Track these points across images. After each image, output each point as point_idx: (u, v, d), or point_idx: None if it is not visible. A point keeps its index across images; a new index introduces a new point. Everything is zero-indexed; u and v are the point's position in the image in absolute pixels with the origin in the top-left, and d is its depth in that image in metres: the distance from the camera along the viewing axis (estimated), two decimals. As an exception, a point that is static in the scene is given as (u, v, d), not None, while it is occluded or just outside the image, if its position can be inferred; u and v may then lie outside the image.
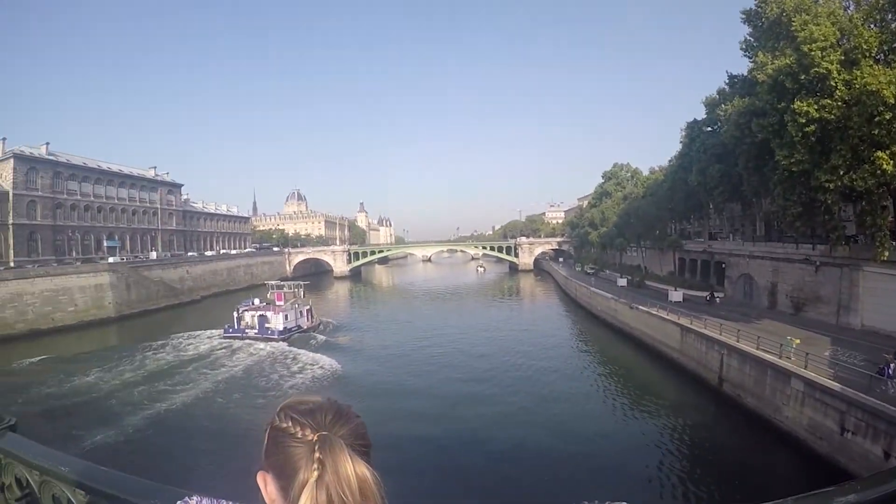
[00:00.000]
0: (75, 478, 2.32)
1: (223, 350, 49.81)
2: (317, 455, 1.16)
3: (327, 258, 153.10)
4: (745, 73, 46.99)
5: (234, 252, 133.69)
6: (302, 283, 68.61)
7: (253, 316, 55.71)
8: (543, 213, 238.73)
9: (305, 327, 58.09)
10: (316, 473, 1.14)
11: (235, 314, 56.67)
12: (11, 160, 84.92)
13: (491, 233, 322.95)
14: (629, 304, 51.39)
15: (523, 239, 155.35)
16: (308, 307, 61.53)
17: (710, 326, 36.35)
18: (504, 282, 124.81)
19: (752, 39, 44.38)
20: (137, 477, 2.29)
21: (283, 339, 52.17)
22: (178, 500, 1.56)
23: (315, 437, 1.20)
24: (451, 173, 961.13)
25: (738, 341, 32.08)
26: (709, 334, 35.63)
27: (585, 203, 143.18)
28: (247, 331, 54.21)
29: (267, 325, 54.20)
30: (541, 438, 27.46)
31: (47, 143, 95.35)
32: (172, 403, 34.71)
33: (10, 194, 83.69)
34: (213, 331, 57.05)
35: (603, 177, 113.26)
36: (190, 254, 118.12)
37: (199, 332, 57.59)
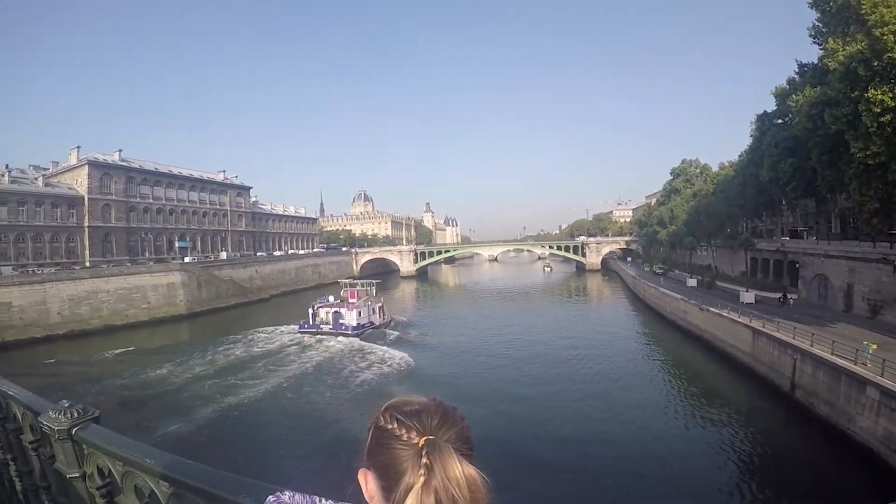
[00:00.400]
0: (160, 470, 2.33)
1: (299, 345, 51.68)
2: (424, 461, 1.14)
3: (394, 258, 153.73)
4: (816, 61, 44.82)
5: (302, 252, 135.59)
6: (374, 281, 70.19)
7: (328, 312, 57.38)
8: (611, 212, 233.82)
9: (377, 324, 59.41)
10: (423, 479, 1.12)
11: (311, 310, 58.49)
12: (86, 167, 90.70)
13: (558, 232, 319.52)
14: (699, 305, 49.25)
15: (590, 238, 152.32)
16: (380, 304, 63.07)
17: (783, 330, 34.44)
18: (571, 282, 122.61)
19: (821, 25, 41.98)
20: (223, 471, 2.22)
21: (357, 335, 53.43)
22: (269, 496, 1.63)
23: (422, 442, 1.18)
24: (518, 172, 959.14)
25: (811, 346, 30.17)
26: (781, 338, 33.66)
27: (654, 201, 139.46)
28: (322, 326, 56.16)
29: (341, 322, 55.81)
30: (604, 440, 26.95)
31: (120, 150, 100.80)
32: (250, 396, 35.58)
33: (86, 198, 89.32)
34: (289, 326, 59.40)
35: (671, 173, 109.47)
36: (259, 254, 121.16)
37: (274, 328, 60.00)
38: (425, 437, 1.19)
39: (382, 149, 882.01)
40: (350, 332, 53.84)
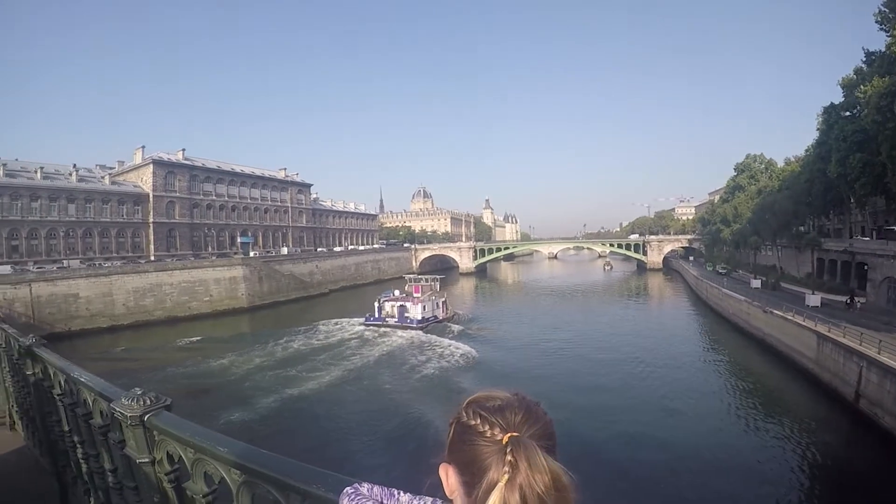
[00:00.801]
0: (233, 458, 2.31)
1: (365, 337, 52.96)
2: (508, 458, 1.12)
3: (453, 254, 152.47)
4: (883, 49, 41.78)
5: (361, 248, 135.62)
6: (438, 276, 72.33)
7: (393, 306, 59.05)
8: (673, 209, 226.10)
9: (441, 318, 60.14)
10: (507, 476, 1.10)
11: (377, 304, 60.18)
12: (151, 165, 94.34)
13: (618, 229, 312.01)
14: (763, 307, 46.74)
15: (652, 236, 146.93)
16: (443, 299, 63.95)
17: (849, 335, 31.97)
18: (631, 280, 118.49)
19: (888, 10, 39.18)
20: (297, 461, 2.17)
21: (421, 328, 54.49)
22: (346, 487, 1.65)
23: (506, 438, 1.16)
24: (579, 168, 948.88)
25: (878, 353, 27.75)
26: (847, 344, 31.21)
27: (717, 198, 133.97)
28: (387, 319, 57.74)
29: (406, 315, 57.07)
30: (660, 443, 25.76)
31: (183, 149, 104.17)
32: (315, 387, 35.90)
33: (151, 196, 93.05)
34: (353, 319, 60.70)
35: (735, 169, 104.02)
36: (319, 249, 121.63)
37: (338, 321, 61.14)
38: (509, 434, 1.16)
39: (442, 146, 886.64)
40: (415, 326, 54.90)
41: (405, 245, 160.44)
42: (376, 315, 59.00)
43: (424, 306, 58.34)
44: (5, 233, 74.37)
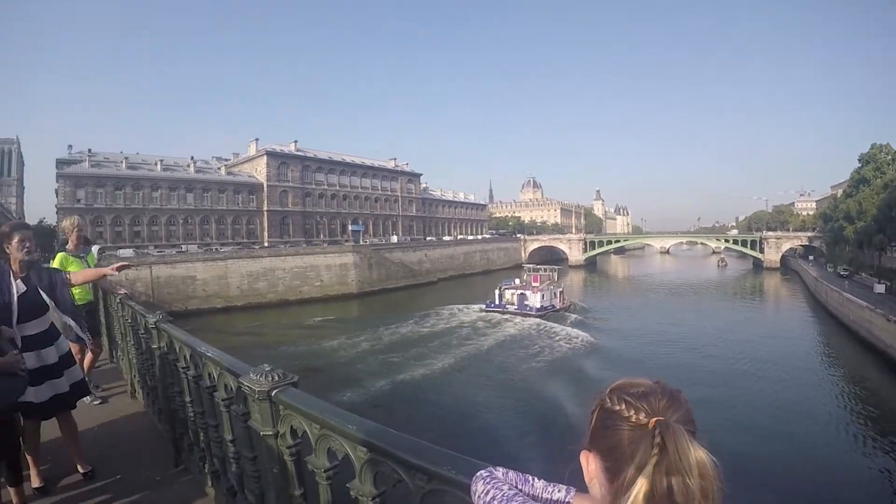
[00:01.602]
0: (361, 436, 2.35)
1: (486, 322, 54.80)
2: (657, 440, 1.11)
3: (562, 246, 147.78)
4: None
5: (470, 238, 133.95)
6: (556, 267, 75.19)
7: (513, 294, 61.19)
8: (792, 204, 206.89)
9: (558, 307, 61.14)
10: (655, 459, 1.09)
11: (497, 291, 63.08)
12: (265, 157, 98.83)
13: (734, 224, 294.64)
14: (886, 315, 41.16)
15: (769, 233, 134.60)
16: (561, 290, 65.27)
17: None
18: (746, 279, 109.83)
19: None
20: (427, 442, 2.17)
21: (540, 316, 55.81)
22: (480, 470, 1.61)
23: (652, 423, 1.16)
24: (694, 159, 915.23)
25: None
26: None
27: (839, 192, 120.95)
28: (507, 306, 59.87)
29: (526, 303, 58.99)
30: (767, 457, 22.75)
31: (295, 141, 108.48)
32: (435, 371, 36.00)
33: (265, 185, 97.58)
34: (475, 305, 63.40)
35: (859, 160, 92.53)
36: (428, 238, 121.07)
37: (460, 306, 63.79)
38: (656, 418, 1.16)
39: (553, 135, 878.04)
40: (534, 313, 56.33)
41: (514, 236, 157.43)
42: (497, 302, 61.42)
43: (543, 295, 59.68)
44: (128, 220, 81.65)
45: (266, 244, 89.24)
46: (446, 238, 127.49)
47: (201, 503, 4.82)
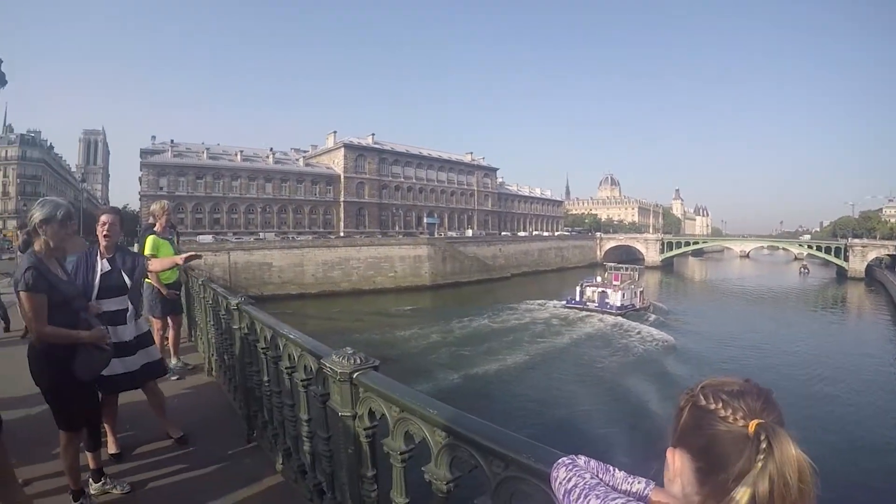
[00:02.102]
0: (441, 420, 2.38)
1: (564, 319, 54.91)
2: (763, 445, 1.09)
3: (639, 246, 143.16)
4: None
5: (545, 234, 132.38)
6: (637, 267, 75.21)
7: (594, 291, 61.26)
8: (880, 209, 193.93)
9: (638, 307, 60.72)
10: (760, 464, 1.07)
11: (578, 288, 63.24)
12: (342, 149, 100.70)
13: (818, 229, 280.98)
14: None
15: (855, 240, 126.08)
16: (641, 289, 64.87)
17: None
18: (828, 289, 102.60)
19: None
20: (504, 429, 2.18)
21: (621, 314, 55.91)
22: (563, 458, 1.63)
23: (753, 425, 1.13)
24: (778, 160, 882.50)
25: None
26: None
27: None
28: (588, 304, 60.13)
29: (606, 301, 59.05)
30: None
31: (373, 134, 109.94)
32: (512, 364, 35.58)
33: (342, 177, 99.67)
34: (553, 301, 64.18)
35: None
36: (503, 233, 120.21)
37: (540, 301, 64.50)
38: (756, 421, 1.14)
39: (632, 132, 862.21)
40: (614, 311, 56.48)
41: (590, 233, 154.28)
42: (577, 298, 61.58)
43: (624, 294, 59.57)
44: (208, 207, 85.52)
45: (342, 234, 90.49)
46: (521, 234, 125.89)
47: (271, 479, 4.94)
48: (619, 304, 57.99)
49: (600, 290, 60.70)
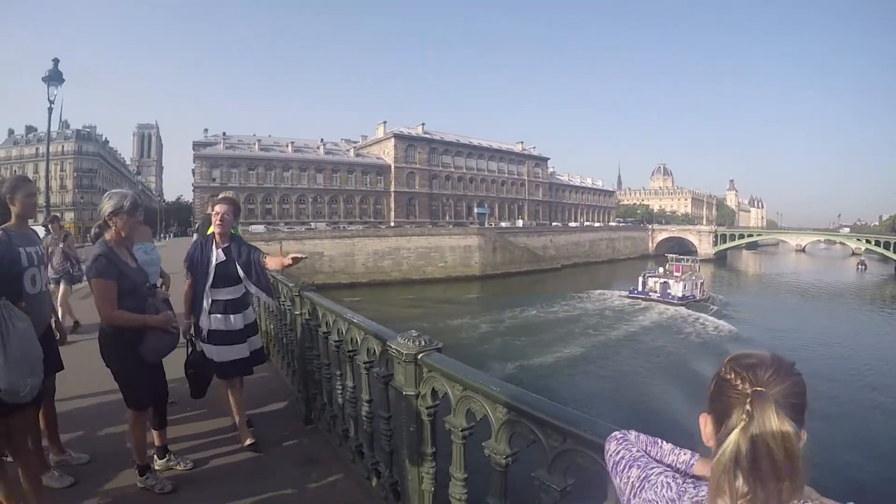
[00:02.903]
0: (503, 397, 2.46)
1: (621, 309, 56.50)
2: (746, 408, 1.22)
3: (691, 238, 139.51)
4: None
5: (597, 225, 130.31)
6: (697, 258, 78.02)
7: (656, 282, 63.29)
8: None
9: (698, 298, 61.59)
10: (742, 423, 1.21)
11: (640, 279, 65.26)
12: (392, 139, 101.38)
13: (877, 224, 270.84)
14: None
15: None
16: (702, 281, 65.85)
17: None
18: (886, 287, 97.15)
19: None
20: (561, 405, 2.30)
21: (682, 304, 57.31)
22: (614, 432, 1.73)
23: (750, 391, 1.25)
24: (836, 151, 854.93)
25: None
26: None
27: None
28: (650, 294, 62.09)
29: (668, 291, 60.76)
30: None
31: (423, 124, 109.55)
32: (575, 352, 36.34)
33: (392, 167, 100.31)
34: (616, 291, 66.73)
35: None
36: (554, 224, 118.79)
37: (601, 291, 67.44)
38: (755, 389, 1.25)
39: (684, 122, 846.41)
40: (676, 302, 57.92)
41: (641, 224, 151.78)
42: (640, 289, 63.71)
43: (685, 285, 61.03)
44: (260, 198, 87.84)
45: (392, 224, 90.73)
46: (572, 224, 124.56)
47: (330, 459, 5.09)
48: (680, 294, 59.38)
49: (662, 280, 62.49)
